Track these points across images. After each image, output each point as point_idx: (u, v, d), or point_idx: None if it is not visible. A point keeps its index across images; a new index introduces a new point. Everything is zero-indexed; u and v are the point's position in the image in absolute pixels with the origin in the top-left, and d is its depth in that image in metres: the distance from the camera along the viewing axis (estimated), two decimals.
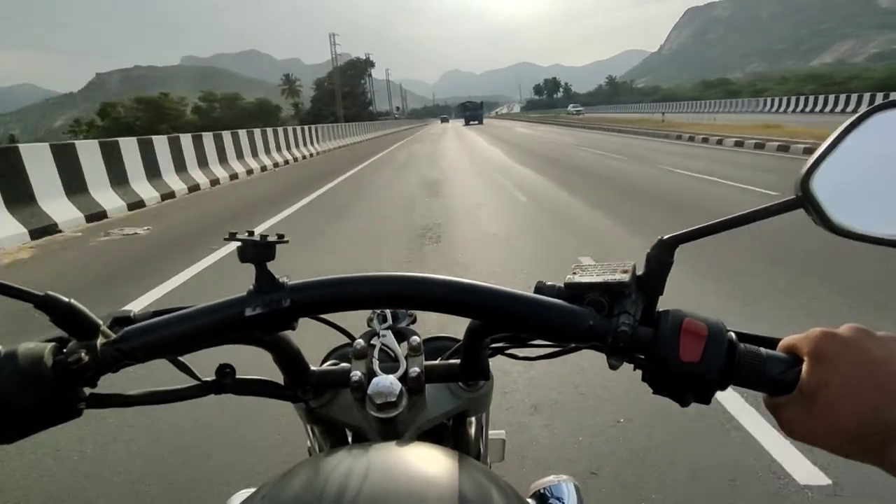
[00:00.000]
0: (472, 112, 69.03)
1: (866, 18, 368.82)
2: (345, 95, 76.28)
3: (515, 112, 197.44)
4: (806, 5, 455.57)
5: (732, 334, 0.39)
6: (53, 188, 6.31)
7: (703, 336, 0.37)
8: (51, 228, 5.91)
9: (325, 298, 0.42)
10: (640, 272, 0.41)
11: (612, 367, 0.40)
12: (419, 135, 34.98)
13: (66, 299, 0.39)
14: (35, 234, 5.69)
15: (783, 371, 0.37)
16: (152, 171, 8.40)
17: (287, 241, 0.41)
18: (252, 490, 0.38)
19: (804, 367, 0.36)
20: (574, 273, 0.43)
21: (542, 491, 0.62)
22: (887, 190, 0.37)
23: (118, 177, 7.55)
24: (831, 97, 33.29)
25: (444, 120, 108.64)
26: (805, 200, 0.38)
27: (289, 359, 0.49)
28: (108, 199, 7.14)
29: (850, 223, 0.38)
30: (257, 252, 0.40)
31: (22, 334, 0.40)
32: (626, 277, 0.40)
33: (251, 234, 0.41)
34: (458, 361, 0.52)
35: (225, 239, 0.41)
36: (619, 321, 0.39)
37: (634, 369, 0.41)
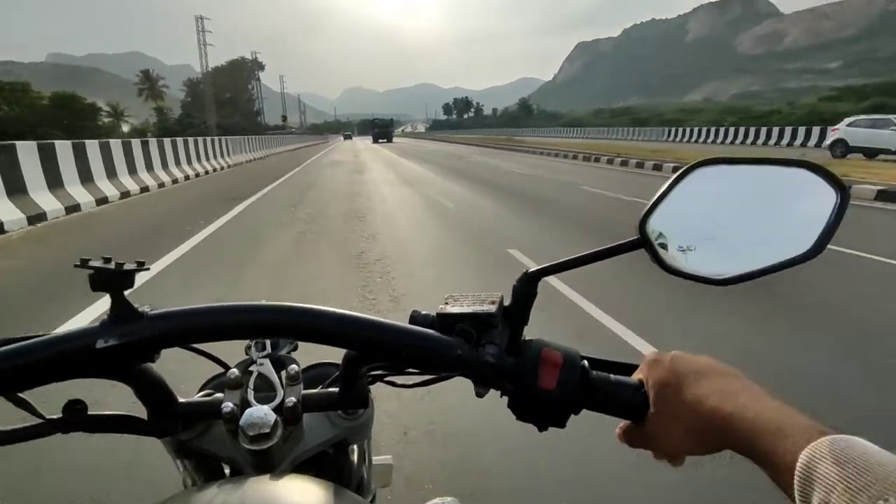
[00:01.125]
0: (381, 129, 63.49)
1: (727, 63, 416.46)
2: (226, 102, 64.48)
3: (420, 132, 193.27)
4: (677, 48, 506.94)
5: (586, 362, 0.42)
6: None
7: (559, 364, 0.40)
8: None
9: (188, 329, 0.40)
10: (507, 303, 0.43)
11: (479, 395, 0.42)
12: (316, 166, 18.29)
13: None
14: None
15: (631, 395, 0.40)
16: None
17: (148, 269, 0.39)
18: None
19: (647, 386, 0.40)
20: (446, 303, 0.44)
21: None
22: (707, 234, 0.43)
23: None
24: (762, 130, 30.86)
25: (348, 137, 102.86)
26: (643, 242, 0.43)
27: (152, 391, 0.46)
28: None
29: (679, 263, 0.43)
30: (112, 281, 0.37)
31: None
32: (493, 308, 0.42)
33: (108, 260, 0.38)
34: (336, 390, 0.51)
35: (76, 266, 0.37)
36: (485, 351, 0.41)
37: (501, 396, 0.42)
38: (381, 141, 58.36)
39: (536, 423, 0.42)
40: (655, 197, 0.43)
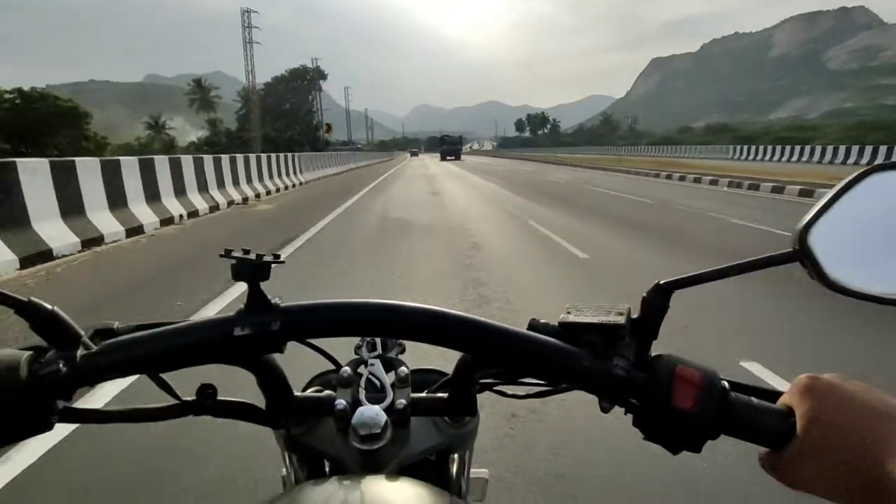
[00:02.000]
0: (450, 146, 60.22)
1: (817, 79, 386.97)
2: (283, 114, 59.89)
3: (488, 149, 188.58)
4: (761, 63, 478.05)
5: (725, 383, 0.39)
6: None
7: (697, 384, 0.37)
8: None
9: (316, 323, 0.41)
10: (635, 315, 0.41)
11: (604, 409, 0.40)
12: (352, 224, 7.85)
13: (49, 306, 0.38)
14: None
15: (775, 421, 0.37)
16: None
17: (283, 262, 0.40)
18: None
19: (797, 413, 0.36)
20: (569, 312, 0.42)
21: None
22: (881, 249, 0.38)
23: None
24: None
25: (414, 154, 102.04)
26: (802, 254, 0.38)
27: (273, 383, 0.47)
28: None
29: (846, 280, 0.38)
30: (252, 271, 0.39)
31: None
32: (621, 319, 0.40)
33: (247, 252, 0.40)
34: (445, 395, 0.50)
35: (220, 255, 0.39)
36: (613, 364, 0.38)
37: (626, 413, 0.40)
38: (449, 158, 55.45)
39: (668, 446, 0.39)
40: (818, 206, 0.39)
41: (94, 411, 0.43)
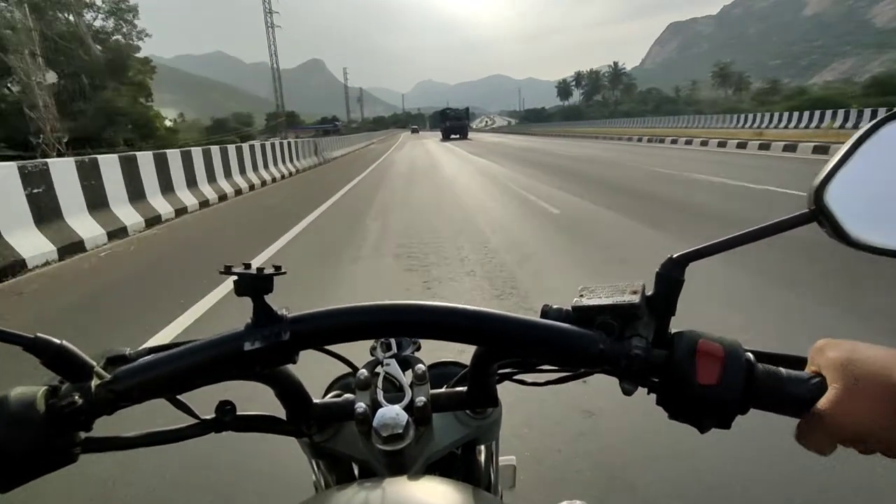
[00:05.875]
0: (454, 122, 46.74)
1: (862, 37, 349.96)
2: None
3: (500, 125, 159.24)
4: (794, 24, 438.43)
5: (750, 354, 0.37)
6: None
7: (720, 357, 0.36)
8: None
9: (325, 330, 0.41)
10: (650, 292, 0.40)
11: (626, 392, 0.39)
12: None
13: (57, 341, 0.38)
14: None
15: (804, 389, 0.36)
16: None
17: (284, 273, 0.39)
18: None
19: (827, 378, 0.35)
20: (581, 296, 0.41)
21: None
22: None
23: None
24: None
25: (415, 131, 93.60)
26: (819, 214, 0.37)
27: (290, 393, 0.47)
28: None
29: (866, 236, 0.37)
30: (254, 285, 0.38)
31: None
32: (636, 298, 0.38)
33: (248, 266, 0.39)
34: (464, 389, 0.50)
35: (220, 272, 0.39)
36: (631, 344, 0.37)
37: (648, 393, 0.39)
38: (453, 137, 42.95)
39: (695, 423, 0.37)
40: (832, 164, 0.37)
41: (117, 439, 0.42)
